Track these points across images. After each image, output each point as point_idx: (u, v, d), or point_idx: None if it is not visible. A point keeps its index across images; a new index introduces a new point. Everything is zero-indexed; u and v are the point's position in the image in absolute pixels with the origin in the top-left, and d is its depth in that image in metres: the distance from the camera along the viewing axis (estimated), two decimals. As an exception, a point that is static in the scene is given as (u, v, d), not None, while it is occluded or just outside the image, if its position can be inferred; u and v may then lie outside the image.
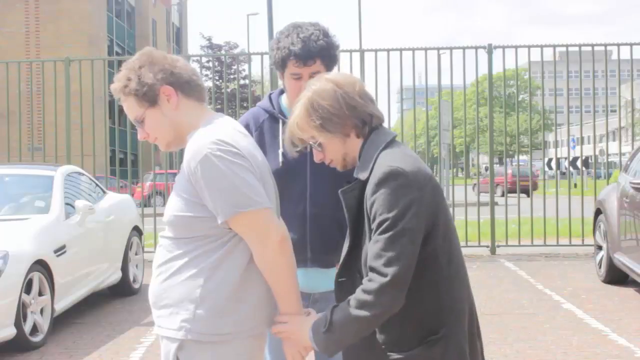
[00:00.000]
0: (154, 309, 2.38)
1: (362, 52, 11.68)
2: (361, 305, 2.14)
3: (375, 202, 2.16)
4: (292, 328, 2.32)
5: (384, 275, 2.11)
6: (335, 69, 3.01)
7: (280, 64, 2.86)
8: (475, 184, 19.91)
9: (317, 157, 2.39)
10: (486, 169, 33.15)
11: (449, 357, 2.20)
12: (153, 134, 2.42)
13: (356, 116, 2.28)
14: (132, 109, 2.40)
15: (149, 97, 2.36)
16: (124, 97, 2.39)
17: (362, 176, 2.26)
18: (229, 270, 2.29)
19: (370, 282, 2.14)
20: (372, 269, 2.14)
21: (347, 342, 2.21)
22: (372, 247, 2.15)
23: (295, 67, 2.82)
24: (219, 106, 27.35)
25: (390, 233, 2.12)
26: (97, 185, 8.72)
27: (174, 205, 2.35)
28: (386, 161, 2.20)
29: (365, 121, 2.30)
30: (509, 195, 12.06)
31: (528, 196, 13.62)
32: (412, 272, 2.14)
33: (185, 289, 2.29)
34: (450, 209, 11.62)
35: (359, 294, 2.15)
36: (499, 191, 24.79)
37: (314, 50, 2.79)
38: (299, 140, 2.36)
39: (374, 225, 2.17)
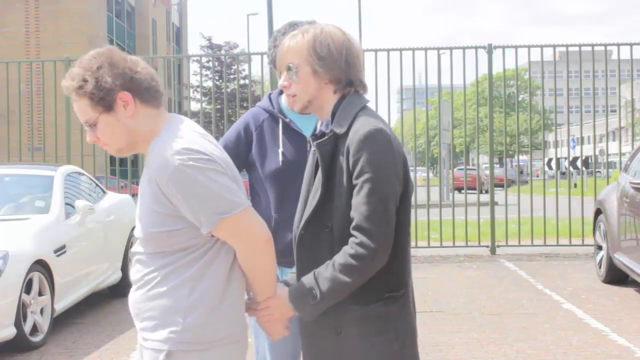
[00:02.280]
0: (137, 320, 2.33)
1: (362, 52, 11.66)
2: (350, 271, 2.16)
3: (362, 160, 2.17)
4: (274, 310, 2.32)
5: (375, 240, 2.15)
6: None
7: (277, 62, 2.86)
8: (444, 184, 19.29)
9: (282, 83, 2.36)
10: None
11: (402, 315, 2.28)
12: (104, 139, 2.29)
13: (347, 74, 2.29)
14: (84, 111, 2.26)
15: (105, 102, 2.22)
16: (77, 97, 2.24)
17: (339, 131, 2.25)
18: (213, 277, 2.25)
19: (360, 247, 2.15)
20: (363, 230, 2.15)
21: (332, 304, 2.23)
22: (361, 207, 2.16)
23: None
24: (219, 106, 27.38)
25: (379, 195, 2.15)
26: (97, 185, 8.72)
27: (148, 221, 2.25)
28: (370, 121, 2.23)
29: (353, 83, 2.31)
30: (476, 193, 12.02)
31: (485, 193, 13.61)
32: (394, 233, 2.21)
33: (170, 300, 2.23)
34: (450, 209, 11.64)
35: (346, 259, 2.16)
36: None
37: None
38: (281, 67, 2.36)
39: (359, 182, 2.17)
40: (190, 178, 2.16)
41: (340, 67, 2.28)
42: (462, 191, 12.07)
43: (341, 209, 2.22)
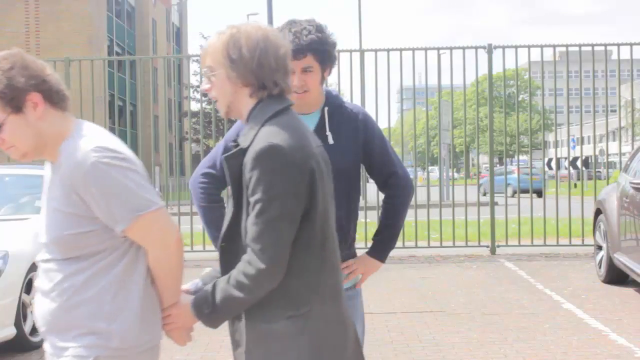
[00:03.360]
0: (50, 335, 2.24)
1: (362, 52, 11.68)
2: (240, 287, 2.13)
3: (253, 179, 2.12)
4: (179, 317, 2.30)
5: (261, 261, 2.11)
6: (335, 70, 3.01)
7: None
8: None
9: (203, 87, 2.32)
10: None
11: (306, 335, 2.19)
12: (10, 141, 2.22)
13: (259, 76, 2.21)
14: None
15: (15, 102, 2.17)
16: None
17: (244, 143, 2.18)
18: (133, 282, 2.22)
19: (249, 265, 2.12)
20: (252, 250, 2.13)
21: (231, 316, 2.24)
22: (251, 227, 2.13)
23: None
24: (219, 106, 27.36)
25: (267, 216, 2.10)
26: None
27: (58, 224, 2.19)
28: (268, 136, 2.13)
29: (266, 86, 2.22)
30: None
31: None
32: (288, 253, 2.14)
33: (93, 307, 2.18)
34: (450, 209, 11.65)
35: (239, 276, 2.14)
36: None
37: (304, 44, 2.77)
38: (203, 69, 2.30)
39: (251, 200, 2.13)
40: (106, 175, 2.14)
41: (251, 70, 2.20)
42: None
43: (245, 227, 2.18)
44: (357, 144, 2.95)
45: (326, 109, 2.95)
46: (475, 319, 6.90)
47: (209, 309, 2.19)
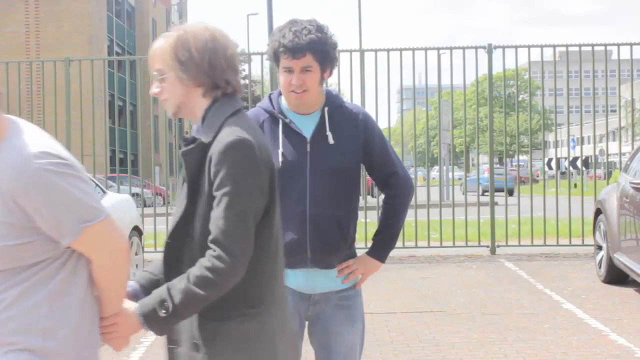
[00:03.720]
0: None
1: (362, 52, 11.68)
2: (205, 284, 2.07)
3: (221, 172, 2.09)
4: (121, 326, 2.20)
5: (232, 255, 2.06)
6: (335, 70, 3.00)
7: (274, 57, 2.87)
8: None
9: (153, 91, 2.29)
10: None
11: (262, 333, 2.19)
12: None
13: (212, 76, 2.20)
14: None
15: None
16: None
17: (206, 139, 2.17)
18: (71, 295, 2.09)
19: (218, 260, 2.06)
20: (220, 245, 2.07)
21: (188, 317, 2.16)
22: (218, 221, 2.08)
23: (286, 60, 2.82)
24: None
25: (237, 209, 2.07)
26: (97, 185, 8.72)
27: None
28: (234, 130, 2.14)
29: (219, 85, 2.22)
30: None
31: None
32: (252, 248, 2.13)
33: (25, 323, 2.03)
34: (450, 209, 11.65)
35: (203, 272, 2.07)
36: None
37: (303, 43, 2.77)
38: (151, 72, 2.27)
39: (217, 194, 2.09)
40: (51, 184, 1.97)
41: (203, 71, 2.19)
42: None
43: (203, 220, 2.14)
44: (357, 144, 2.95)
45: (326, 109, 2.94)
46: (475, 319, 6.89)
47: (166, 312, 2.10)
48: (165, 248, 2.25)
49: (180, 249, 2.20)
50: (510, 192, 15.79)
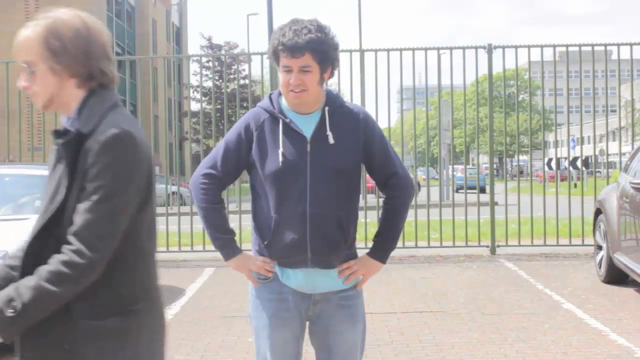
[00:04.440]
0: None
1: (362, 52, 11.68)
2: (60, 280, 1.95)
3: (100, 163, 1.99)
4: None
5: (95, 251, 1.96)
6: (336, 71, 2.99)
7: (274, 56, 2.87)
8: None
9: (20, 83, 2.17)
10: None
11: (141, 331, 2.12)
12: None
13: (87, 65, 2.09)
14: None
15: None
16: None
17: (85, 129, 2.05)
18: None
19: (77, 254, 1.96)
20: (82, 239, 1.96)
21: (40, 318, 2.01)
22: (87, 214, 1.97)
23: (285, 59, 2.82)
24: (219, 106, 27.40)
25: (110, 205, 1.98)
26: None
27: None
28: (118, 122, 2.04)
29: (94, 75, 2.11)
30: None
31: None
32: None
33: None
34: (450, 209, 11.64)
35: (57, 266, 1.96)
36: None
37: (302, 43, 2.77)
38: (18, 64, 2.15)
39: (90, 186, 1.99)
40: None
41: (78, 61, 2.08)
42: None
43: (70, 213, 2.01)
44: (357, 144, 2.94)
45: (327, 108, 2.94)
46: (475, 319, 6.89)
47: (14, 311, 1.95)
48: (26, 246, 2.08)
49: (43, 245, 2.05)
50: (482, 190, 15.83)
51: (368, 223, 10.61)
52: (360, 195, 3.09)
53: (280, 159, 2.87)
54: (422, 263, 10.47)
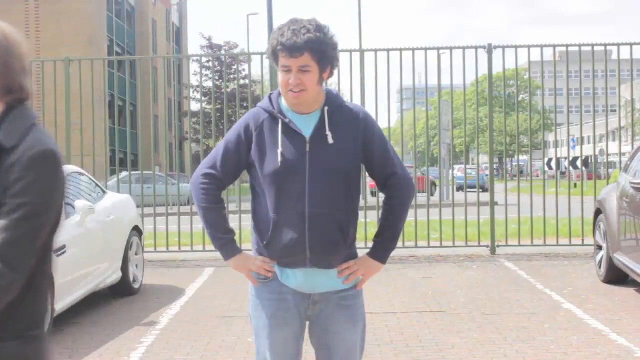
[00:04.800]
0: None
1: (362, 52, 11.68)
2: None
3: (26, 180, 1.90)
4: None
5: (16, 271, 1.89)
6: (336, 71, 2.99)
7: (273, 56, 2.86)
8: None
9: None
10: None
11: (41, 356, 2.06)
12: None
13: (7, 78, 2.00)
14: None
15: None
16: None
17: (8, 143, 1.95)
18: None
19: None
20: (4, 259, 1.88)
21: None
22: (9, 232, 1.89)
23: (284, 59, 2.81)
24: (219, 106, 27.40)
25: (35, 222, 1.92)
26: (97, 185, 8.72)
27: None
28: (44, 141, 1.98)
29: (12, 90, 2.02)
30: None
31: None
32: None
33: None
34: (450, 209, 11.64)
35: None
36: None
37: (301, 42, 2.76)
38: None
39: (12, 202, 1.90)
40: None
41: None
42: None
43: None
44: (357, 144, 2.94)
45: (326, 108, 2.94)
46: (475, 319, 6.90)
47: None
48: None
49: None
50: (483, 189, 15.80)
51: (368, 223, 10.61)
52: (361, 195, 3.08)
53: (280, 159, 2.86)
54: (422, 263, 10.47)
